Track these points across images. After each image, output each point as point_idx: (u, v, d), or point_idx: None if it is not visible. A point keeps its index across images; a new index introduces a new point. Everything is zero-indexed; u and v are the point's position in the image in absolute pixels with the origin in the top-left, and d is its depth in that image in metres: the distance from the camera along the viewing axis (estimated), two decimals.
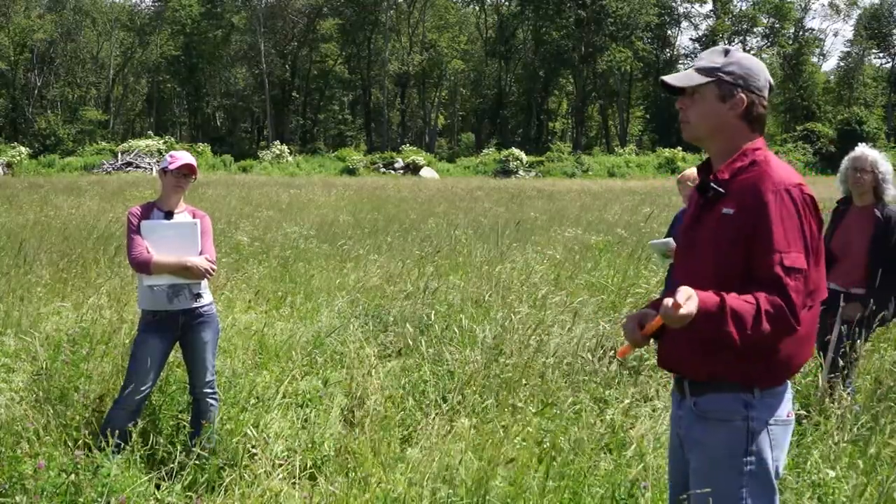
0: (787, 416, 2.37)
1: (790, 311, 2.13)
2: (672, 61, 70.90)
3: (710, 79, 2.37)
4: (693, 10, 73.63)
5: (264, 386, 4.97)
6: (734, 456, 2.30)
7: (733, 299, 2.12)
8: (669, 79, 2.41)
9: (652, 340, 2.43)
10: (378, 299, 7.32)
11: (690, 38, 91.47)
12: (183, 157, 4.23)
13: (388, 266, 8.84)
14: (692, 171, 5.34)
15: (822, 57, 79.62)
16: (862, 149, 4.83)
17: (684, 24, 72.70)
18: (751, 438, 2.29)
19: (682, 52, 72.72)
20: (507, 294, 7.10)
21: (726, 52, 2.41)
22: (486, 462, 3.66)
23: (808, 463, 3.63)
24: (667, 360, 2.47)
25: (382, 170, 45.36)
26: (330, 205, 18.36)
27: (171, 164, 4.20)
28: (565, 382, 5.02)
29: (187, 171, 4.22)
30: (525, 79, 67.64)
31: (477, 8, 73.44)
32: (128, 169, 40.18)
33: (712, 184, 2.35)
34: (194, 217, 4.27)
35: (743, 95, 2.36)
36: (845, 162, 4.83)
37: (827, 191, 8.48)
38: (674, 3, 69.97)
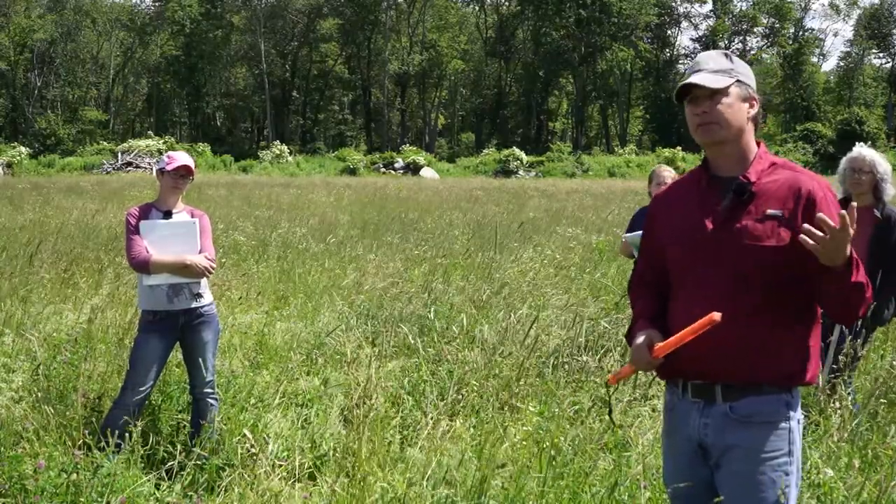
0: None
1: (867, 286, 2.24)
2: (672, 61, 70.88)
3: (732, 80, 2.33)
4: (693, 10, 73.78)
5: (264, 386, 4.97)
6: (779, 458, 2.29)
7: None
8: (704, 80, 2.31)
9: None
10: (378, 299, 7.32)
11: (690, 38, 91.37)
12: (180, 157, 4.23)
13: (388, 266, 8.84)
14: (670, 171, 5.30)
15: (822, 57, 79.71)
16: (859, 149, 4.81)
17: (684, 24, 72.72)
18: (791, 438, 2.30)
19: (682, 52, 72.77)
20: (508, 294, 7.10)
21: (727, 56, 2.40)
22: (485, 462, 3.65)
23: (808, 463, 3.63)
24: (693, 366, 2.34)
25: (382, 170, 45.37)
26: (330, 205, 18.36)
27: (168, 164, 4.21)
28: (565, 382, 5.02)
29: (185, 172, 4.22)
30: (525, 79, 67.63)
31: (477, 8, 73.46)
32: (128, 169, 40.20)
33: (748, 186, 2.32)
34: (193, 216, 4.27)
35: (756, 97, 2.38)
36: (843, 163, 4.82)
37: None
38: (674, 3, 69.95)
